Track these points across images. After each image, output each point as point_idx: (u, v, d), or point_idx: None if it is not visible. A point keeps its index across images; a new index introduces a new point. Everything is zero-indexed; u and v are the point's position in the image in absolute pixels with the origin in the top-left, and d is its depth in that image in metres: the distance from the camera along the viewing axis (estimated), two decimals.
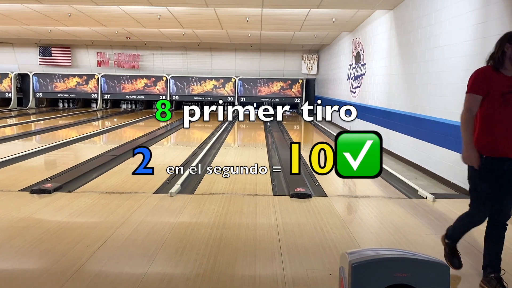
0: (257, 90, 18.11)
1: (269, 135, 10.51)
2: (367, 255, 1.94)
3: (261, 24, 11.02)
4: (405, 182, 5.59)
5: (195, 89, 18.01)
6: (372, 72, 9.53)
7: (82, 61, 18.57)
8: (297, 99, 18.23)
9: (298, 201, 4.66)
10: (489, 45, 4.70)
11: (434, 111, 6.06)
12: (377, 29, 9.18)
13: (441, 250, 3.18)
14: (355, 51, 11.26)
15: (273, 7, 8.68)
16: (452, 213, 4.44)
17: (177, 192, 4.87)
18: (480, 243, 3.60)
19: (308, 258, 3.19)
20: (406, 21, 7.37)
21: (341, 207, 4.63)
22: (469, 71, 5.11)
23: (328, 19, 10.13)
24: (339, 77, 13.24)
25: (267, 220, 4.06)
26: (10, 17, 10.73)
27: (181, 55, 18.22)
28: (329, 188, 5.30)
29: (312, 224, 3.96)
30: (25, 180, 5.33)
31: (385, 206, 4.69)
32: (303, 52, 17.95)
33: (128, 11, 9.68)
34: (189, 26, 11.94)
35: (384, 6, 8.19)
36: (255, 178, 5.81)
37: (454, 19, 5.52)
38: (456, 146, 5.41)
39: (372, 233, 3.91)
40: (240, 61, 18.37)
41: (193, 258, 3.14)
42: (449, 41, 5.63)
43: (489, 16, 4.73)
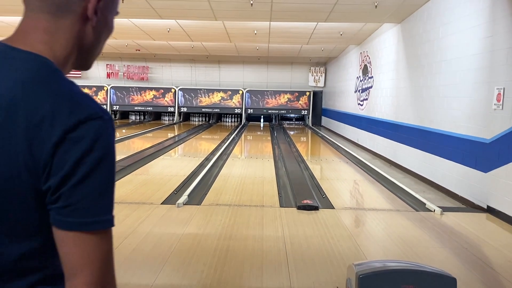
0: (265, 102, 18.18)
1: (276, 147, 10.53)
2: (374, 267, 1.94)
3: (269, 37, 11.12)
4: (413, 195, 5.57)
5: (203, 101, 18.13)
6: (379, 85, 9.55)
7: (92, 72, 18.79)
8: (304, 111, 18.27)
9: (305, 213, 4.65)
10: (496, 59, 4.73)
11: (442, 124, 6.05)
12: (385, 43, 9.23)
13: (449, 262, 3.17)
14: (362, 64, 11.30)
15: (281, 20, 8.77)
16: (459, 226, 4.42)
17: (184, 203, 4.89)
18: (488, 258, 3.57)
19: (315, 270, 3.19)
20: (413, 35, 7.41)
21: (348, 220, 4.62)
22: (476, 85, 5.14)
23: (336, 32, 10.20)
24: (347, 90, 13.28)
25: (274, 232, 4.06)
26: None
27: (189, 68, 18.39)
28: (336, 200, 5.30)
29: (319, 236, 3.96)
30: None
31: (393, 219, 4.67)
32: (310, 64, 18.03)
33: (138, 24, 9.83)
34: (198, 39, 12.08)
35: (391, 20, 8.24)
36: (262, 189, 5.82)
37: (461, 33, 5.55)
38: (463, 160, 5.40)
39: (379, 246, 3.90)
40: (247, 74, 18.49)
41: (200, 269, 3.15)
42: (457, 54, 5.65)
43: (496, 30, 4.75)
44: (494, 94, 4.73)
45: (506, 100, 4.53)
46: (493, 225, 4.52)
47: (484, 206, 4.90)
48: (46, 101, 0.69)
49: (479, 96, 5.06)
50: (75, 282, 0.71)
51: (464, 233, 4.22)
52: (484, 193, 4.91)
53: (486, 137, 4.89)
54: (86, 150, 0.68)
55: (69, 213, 0.69)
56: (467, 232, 4.26)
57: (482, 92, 5.00)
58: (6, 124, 0.68)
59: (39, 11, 0.76)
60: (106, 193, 0.72)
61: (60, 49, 0.77)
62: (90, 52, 0.84)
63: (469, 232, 4.26)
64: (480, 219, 4.70)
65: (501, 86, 4.62)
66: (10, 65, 0.72)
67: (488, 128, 4.85)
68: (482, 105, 4.97)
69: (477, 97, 5.10)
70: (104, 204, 0.72)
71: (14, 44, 0.75)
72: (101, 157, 0.70)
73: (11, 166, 0.68)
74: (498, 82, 4.69)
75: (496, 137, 4.69)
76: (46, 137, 0.67)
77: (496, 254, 3.67)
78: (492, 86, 4.77)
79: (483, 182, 4.93)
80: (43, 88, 0.70)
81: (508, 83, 4.53)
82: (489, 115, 4.84)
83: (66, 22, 0.77)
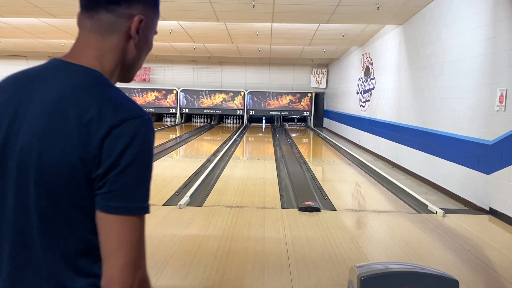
0: (266, 103, 18.18)
1: (278, 148, 10.53)
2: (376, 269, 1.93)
3: (270, 38, 11.13)
4: (415, 196, 5.56)
5: (204, 102, 18.14)
6: (381, 86, 9.55)
7: None
8: (306, 112, 18.26)
9: (306, 215, 4.65)
10: (499, 60, 4.72)
11: (444, 126, 6.04)
12: (387, 44, 9.23)
13: (451, 265, 3.16)
14: (364, 65, 11.30)
15: (283, 22, 8.77)
16: (462, 228, 4.40)
17: (186, 204, 4.89)
18: (491, 260, 3.56)
19: (317, 272, 3.18)
20: (415, 36, 7.40)
21: (350, 221, 4.62)
22: (478, 86, 5.13)
23: (338, 34, 10.20)
24: (349, 91, 13.27)
25: (275, 234, 4.06)
26: (26, 30, 10.97)
27: (191, 69, 18.41)
28: (338, 202, 5.29)
29: (321, 238, 3.95)
30: None
31: (395, 220, 4.66)
32: (312, 66, 18.03)
33: None
34: (200, 41, 12.09)
35: (393, 21, 8.24)
36: (264, 191, 5.82)
37: (463, 34, 5.54)
38: (466, 161, 5.39)
39: (381, 248, 3.89)
40: (249, 75, 18.50)
41: (202, 271, 3.15)
42: (459, 56, 5.64)
43: (498, 32, 4.74)
44: (496, 95, 4.72)
45: (509, 101, 4.52)
46: (495, 227, 4.51)
47: (487, 208, 4.89)
48: (94, 104, 0.82)
49: (481, 97, 5.05)
50: (110, 263, 0.81)
51: (467, 235, 4.21)
52: (487, 195, 4.90)
53: (488, 138, 4.87)
54: (127, 143, 0.81)
55: (111, 198, 0.81)
56: (469, 234, 4.24)
57: (484, 94, 4.99)
58: (60, 123, 0.81)
59: (91, 31, 0.91)
60: (144, 183, 0.84)
61: (108, 63, 0.91)
62: (132, 67, 0.98)
63: (471, 234, 4.25)
64: (482, 221, 4.69)
65: (503, 87, 4.61)
66: (65, 76, 0.86)
67: (491, 129, 4.84)
68: (485, 106, 4.96)
69: (480, 99, 5.09)
70: (142, 193, 0.83)
71: (69, 60, 0.90)
72: (140, 151, 0.82)
73: (66, 157, 0.80)
74: (500, 84, 4.67)
75: (498, 139, 4.68)
76: (94, 133, 0.80)
77: (498, 256, 3.66)
78: (495, 87, 4.76)
79: (486, 184, 4.91)
80: (91, 94, 0.84)
81: (510, 85, 4.52)
82: (491, 116, 4.83)
83: (112, 40, 0.91)
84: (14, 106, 0.86)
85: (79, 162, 0.80)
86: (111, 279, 0.81)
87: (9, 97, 0.88)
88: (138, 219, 0.83)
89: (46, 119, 0.83)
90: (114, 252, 0.81)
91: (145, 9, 0.94)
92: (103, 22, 0.90)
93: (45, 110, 0.83)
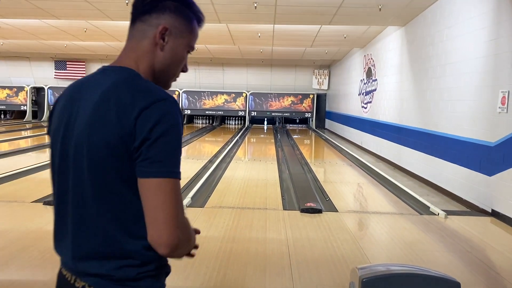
0: (268, 104, 18.19)
1: (280, 149, 10.53)
2: (377, 271, 1.93)
3: (272, 40, 11.13)
4: (417, 198, 5.55)
5: (206, 103, 18.16)
6: (383, 87, 9.54)
7: None
8: (308, 114, 18.26)
9: (308, 216, 4.64)
10: (501, 62, 4.71)
11: (446, 127, 6.03)
12: (389, 45, 9.22)
13: (453, 266, 3.15)
14: (366, 67, 11.29)
15: (285, 23, 8.78)
16: (464, 230, 4.39)
17: (187, 205, 4.89)
18: (493, 261, 3.55)
19: (318, 274, 3.18)
20: (417, 38, 7.39)
21: (352, 223, 4.61)
22: (481, 88, 5.12)
23: (340, 35, 10.20)
24: (350, 93, 13.26)
25: (277, 235, 4.06)
26: (28, 32, 11.00)
27: (193, 70, 18.42)
28: (339, 203, 5.28)
29: (323, 239, 3.95)
30: (39, 191, 5.40)
31: (396, 222, 4.66)
32: (314, 67, 18.03)
33: None
34: (202, 42, 12.11)
35: (395, 23, 8.24)
36: (265, 192, 5.82)
37: (465, 36, 5.53)
38: (468, 163, 5.38)
39: (383, 249, 3.88)
40: (251, 76, 18.50)
41: (203, 272, 3.15)
42: (461, 57, 5.64)
43: (500, 33, 4.73)
44: (498, 97, 4.71)
45: (511, 103, 4.51)
46: (497, 229, 4.50)
47: (489, 209, 4.88)
48: (128, 92, 1.01)
49: (483, 99, 5.04)
50: (151, 222, 0.97)
51: (469, 236, 4.20)
52: (489, 197, 4.89)
53: (490, 140, 4.86)
54: (156, 121, 0.97)
55: (146, 165, 0.97)
56: (471, 235, 4.23)
57: (486, 95, 4.98)
58: (102, 111, 1.01)
59: (131, 39, 1.13)
60: (173, 154, 1.00)
61: (142, 64, 1.11)
62: (162, 72, 1.14)
63: (473, 235, 4.24)
64: (484, 223, 4.68)
65: (505, 89, 4.60)
66: (108, 76, 1.08)
67: (493, 131, 4.83)
68: (487, 108, 4.95)
69: (482, 101, 5.08)
70: (172, 162, 0.99)
71: (114, 64, 1.12)
72: (167, 127, 0.98)
73: (109, 136, 0.99)
74: (502, 85, 4.67)
75: (500, 141, 4.67)
76: (129, 115, 0.98)
77: (500, 258, 3.65)
78: (497, 89, 4.75)
79: (488, 186, 4.90)
80: (126, 85, 1.03)
81: None
82: (493, 118, 4.82)
83: (144, 44, 1.11)
84: (71, 105, 1.09)
85: (118, 139, 0.98)
86: (153, 237, 0.98)
87: (69, 99, 1.11)
88: (171, 182, 0.98)
89: (92, 109, 1.03)
90: (153, 212, 0.97)
91: (172, 21, 1.11)
92: (138, 30, 1.12)
93: (92, 102, 1.04)
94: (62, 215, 1.10)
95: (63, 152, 1.08)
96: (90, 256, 1.04)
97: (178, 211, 0.99)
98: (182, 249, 1.04)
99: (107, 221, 1.02)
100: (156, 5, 1.11)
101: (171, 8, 1.11)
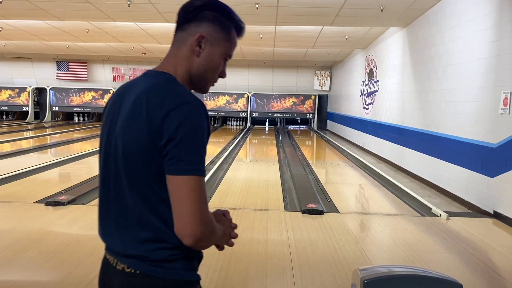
0: (270, 105, 18.19)
1: (281, 150, 10.52)
2: (379, 272, 1.92)
3: (274, 41, 11.14)
4: (419, 199, 5.54)
5: (208, 104, 18.16)
6: (385, 88, 9.53)
7: (98, 75, 18.90)
8: (310, 115, 18.25)
9: (310, 217, 4.64)
10: (503, 63, 4.70)
11: (448, 129, 6.02)
12: (390, 46, 9.21)
13: (455, 268, 3.15)
14: (368, 68, 11.29)
15: (287, 24, 8.78)
16: (466, 231, 4.38)
17: None
18: (495, 263, 3.54)
19: (320, 275, 3.17)
20: (419, 39, 7.39)
21: (353, 224, 4.60)
22: (483, 89, 5.11)
23: (341, 36, 10.20)
24: (352, 94, 13.26)
25: (278, 236, 4.05)
26: (31, 33, 11.03)
27: None
28: (341, 204, 5.28)
29: (324, 240, 3.94)
30: (40, 192, 5.41)
31: (398, 223, 4.65)
32: (315, 68, 18.02)
33: (144, 27, 9.88)
34: None
35: (397, 24, 8.23)
36: (267, 193, 5.81)
37: (468, 37, 5.53)
38: (470, 164, 5.36)
39: (385, 251, 3.88)
40: (253, 77, 18.51)
41: (204, 273, 3.14)
42: (463, 58, 5.63)
43: (502, 34, 4.72)
44: (500, 98, 4.70)
45: None
46: (499, 230, 4.49)
47: (491, 211, 4.86)
48: (159, 94, 1.11)
49: (485, 100, 5.03)
50: (177, 216, 1.07)
51: (471, 238, 4.19)
52: (491, 198, 4.87)
53: (492, 141, 4.85)
54: (181, 122, 1.06)
55: (174, 163, 1.06)
56: (473, 237, 4.22)
57: (488, 97, 4.97)
58: (135, 111, 1.12)
59: (172, 46, 1.23)
60: (198, 154, 1.08)
61: (179, 69, 1.20)
62: (199, 77, 1.23)
63: (475, 237, 4.23)
64: (486, 225, 4.67)
65: (507, 90, 4.60)
66: (148, 80, 1.19)
67: (495, 132, 4.82)
68: (489, 109, 4.94)
69: (484, 102, 5.07)
70: (197, 160, 1.08)
71: (156, 69, 1.22)
72: (191, 128, 1.07)
73: (139, 133, 1.10)
74: (504, 87, 4.66)
75: (503, 142, 4.66)
76: (158, 114, 1.07)
77: (502, 259, 3.64)
78: (499, 90, 4.74)
79: (490, 187, 4.89)
80: (159, 88, 1.13)
81: None
82: (495, 119, 4.81)
83: (183, 51, 1.20)
84: (116, 104, 1.21)
85: (148, 136, 1.08)
86: (178, 228, 1.08)
87: (116, 98, 1.24)
88: (194, 179, 1.07)
89: (129, 109, 1.14)
90: (179, 206, 1.07)
91: (210, 29, 1.20)
92: (179, 38, 1.22)
93: (128, 105, 1.15)
94: (106, 201, 1.22)
95: (107, 145, 1.20)
96: (129, 240, 1.15)
97: (201, 206, 1.08)
98: (205, 241, 1.13)
99: (143, 208, 1.13)
100: (196, 15, 1.20)
101: (209, 18, 1.20)
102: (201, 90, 1.26)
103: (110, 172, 1.19)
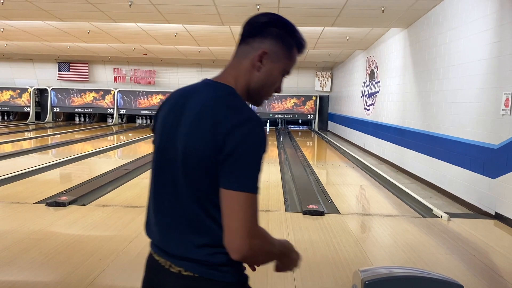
0: (271, 106, 18.20)
1: (282, 151, 10.52)
2: (380, 273, 1.92)
3: None
4: (420, 200, 5.53)
5: None
6: (386, 89, 9.53)
7: (99, 76, 18.92)
8: (310, 115, 18.25)
9: (310, 218, 4.63)
10: (504, 64, 4.69)
11: (449, 130, 6.01)
12: (391, 47, 9.21)
13: (456, 269, 3.14)
14: (369, 69, 11.28)
15: None
16: (467, 233, 4.37)
17: None
18: (496, 264, 3.54)
19: (320, 276, 3.17)
20: (420, 40, 7.38)
21: (354, 225, 4.60)
22: (484, 90, 5.10)
23: (342, 37, 10.20)
24: (353, 95, 13.25)
25: (279, 237, 4.04)
26: (32, 33, 11.04)
27: (196, 72, 18.45)
28: (342, 205, 5.27)
29: (325, 241, 3.94)
30: (41, 192, 5.41)
31: (399, 224, 4.64)
32: (316, 69, 18.03)
33: (145, 28, 9.89)
34: (205, 44, 12.13)
35: (398, 25, 8.23)
36: (268, 194, 5.81)
37: (469, 38, 5.52)
38: (471, 165, 5.36)
39: (386, 252, 3.87)
40: None
41: None
42: (464, 59, 5.62)
43: (504, 35, 4.72)
44: (502, 99, 4.70)
45: None
46: (501, 231, 4.48)
47: (492, 212, 4.86)
48: (222, 109, 1.13)
49: (487, 101, 5.03)
50: (227, 228, 1.09)
51: (472, 239, 4.18)
52: (492, 199, 4.87)
53: (494, 142, 4.85)
54: (242, 139, 1.09)
55: (231, 178, 1.09)
56: (474, 238, 4.22)
57: (490, 98, 4.96)
58: (199, 123, 1.14)
59: (235, 58, 1.25)
60: (253, 170, 1.11)
61: (240, 82, 1.22)
62: (256, 91, 1.25)
63: (476, 238, 4.22)
64: (487, 226, 4.66)
65: (509, 91, 4.59)
66: (209, 91, 1.20)
67: (496, 133, 4.81)
68: (490, 110, 4.94)
69: (485, 103, 5.06)
70: (251, 176, 1.10)
71: (217, 80, 1.24)
72: (250, 146, 1.09)
73: (201, 145, 1.12)
74: (506, 88, 4.65)
75: (504, 143, 4.66)
76: (220, 130, 1.10)
77: (504, 260, 3.63)
78: (500, 91, 4.74)
79: (491, 188, 4.88)
80: (223, 102, 1.15)
81: None
82: (497, 120, 4.80)
83: (244, 64, 1.23)
84: (176, 111, 1.22)
85: (209, 149, 1.10)
86: (226, 242, 1.11)
87: (174, 105, 1.25)
88: (246, 195, 1.09)
89: (191, 120, 1.16)
90: (228, 220, 1.09)
91: (272, 46, 1.22)
92: (242, 50, 1.24)
93: (192, 114, 1.16)
94: (159, 203, 1.25)
95: (164, 150, 1.22)
96: (186, 244, 1.18)
97: (250, 223, 1.10)
98: (256, 258, 1.17)
99: (200, 214, 1.16)
100: (261, 30, 1.23)
101: (273, 34, 1.23)
102: (255, 103, 1.29)
103: (166, 174, 1.21)
